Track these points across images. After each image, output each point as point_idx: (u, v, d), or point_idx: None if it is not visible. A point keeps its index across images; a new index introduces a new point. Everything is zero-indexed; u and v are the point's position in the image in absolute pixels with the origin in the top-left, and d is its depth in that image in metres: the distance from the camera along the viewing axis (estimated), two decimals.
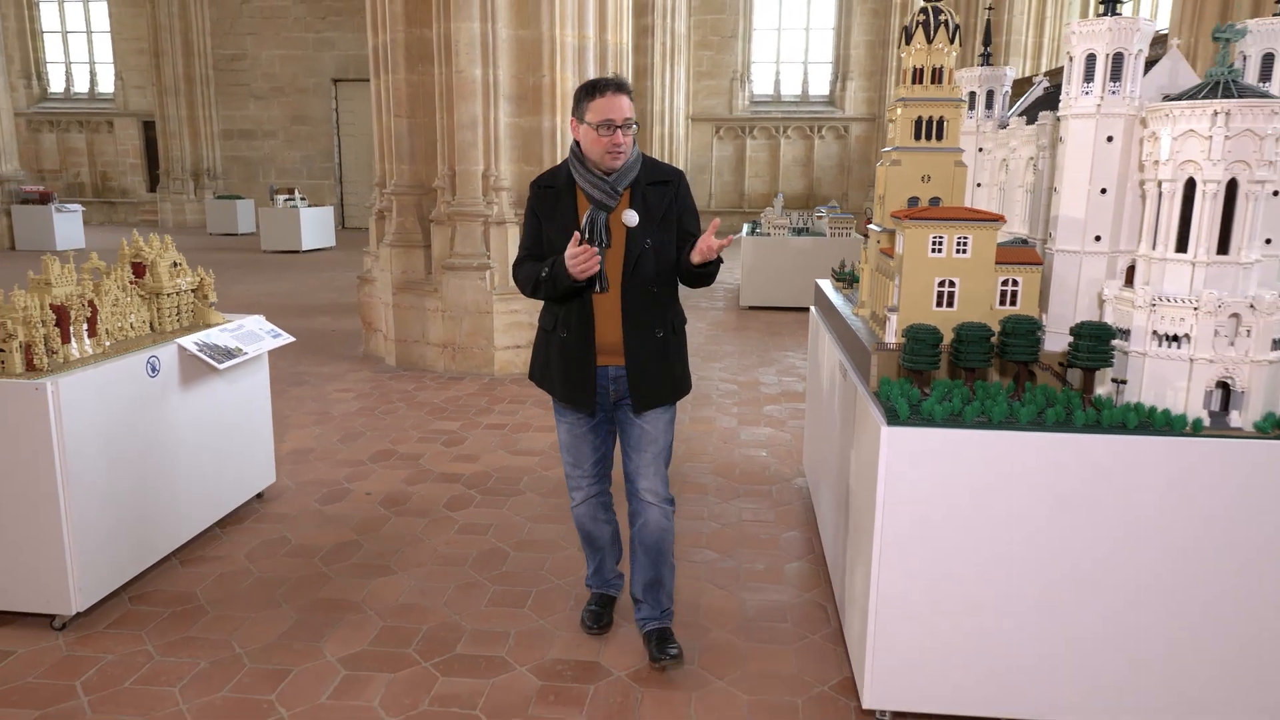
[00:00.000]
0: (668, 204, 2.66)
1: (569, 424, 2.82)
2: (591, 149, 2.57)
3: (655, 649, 2.79)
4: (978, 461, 2.28)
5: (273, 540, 3.74)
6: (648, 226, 2.61)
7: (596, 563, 3.08)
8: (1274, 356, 2.27)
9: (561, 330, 2.68)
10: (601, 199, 2.60)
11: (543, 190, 2.72)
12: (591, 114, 2.54)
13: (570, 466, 2.89)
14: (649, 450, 2.77)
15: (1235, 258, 2.27)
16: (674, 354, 2.75)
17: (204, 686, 2.69)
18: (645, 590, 2.87)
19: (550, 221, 2.66)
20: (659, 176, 2.68)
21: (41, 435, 2.83)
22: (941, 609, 2.36)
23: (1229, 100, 2.19)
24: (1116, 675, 2.35)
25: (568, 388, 2.71)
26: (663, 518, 2.80)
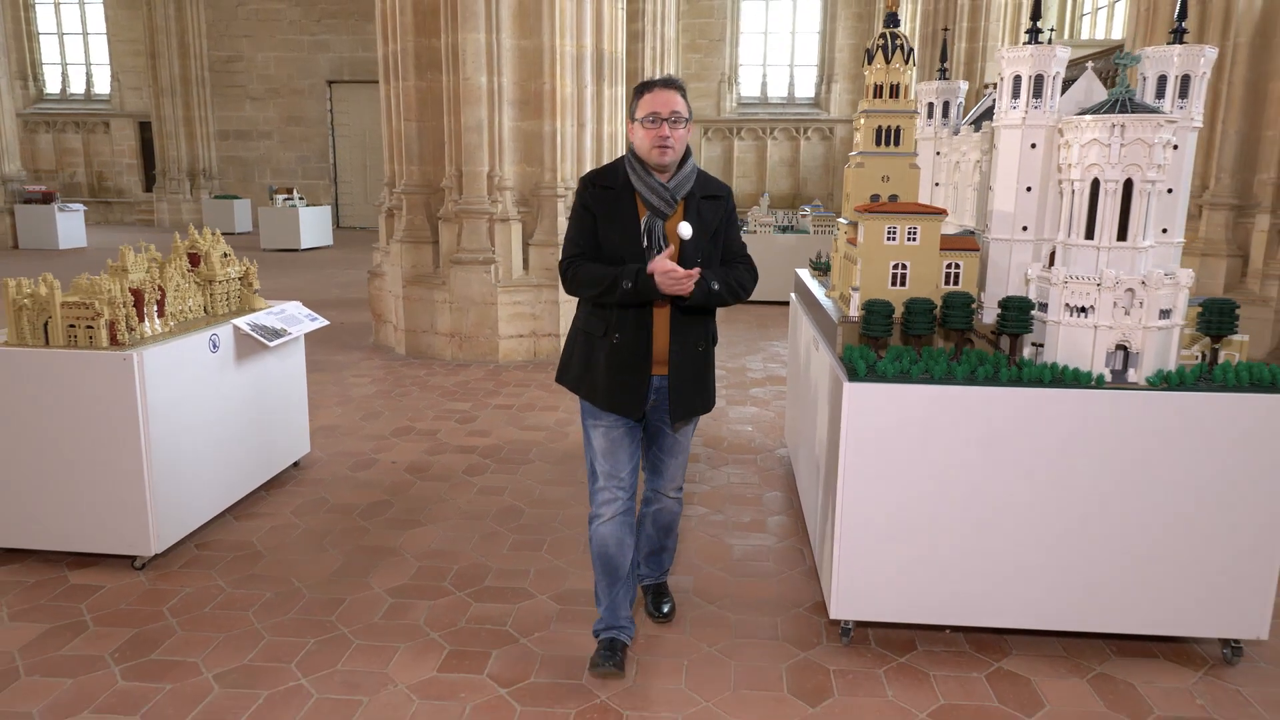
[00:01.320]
0: (719, 219, 2.68)
1: (605, 428, 2.73)
2: (641, 144, 2.57)
3: (650, 604, 3.11)
4: (922, 411, 2.77)
5: (314, 500, 4.21)
6: (699, 240, 2.62)
7: (611, 598, 2.80)
8: (1162, 324, 2.78)
9: (614, 334, 2.63)
10: (660, 206, 2.60)
11: (600, 190, 2.66)
12: (640, 110, 2.57)
13: (606, 475, 2.75)
14: (679, 456, 2.89)
15: (1132, 243, 2.78)
16: (710, 367, 2.80)
17: (272, 611, 3.16)
18: (648, 558, 3.09)
19: (610, 223, 2.63)
20: (712, 191, 2.70)
21: (128, 399, 3.30)
22: (895, 534, 2.86)
23: (1124, 115, 2.70)
24: (1040, 585, 2.85)
25: (615, 394, 2.66)
26: (676, 505, 3.00)
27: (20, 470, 3.40)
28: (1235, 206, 6.99)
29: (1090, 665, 2.86)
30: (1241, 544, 2.77)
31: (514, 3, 6.92)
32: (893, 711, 2.61)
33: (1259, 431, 2.71)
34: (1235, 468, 2.72)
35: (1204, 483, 2.74)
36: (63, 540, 3.46)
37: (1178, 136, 2.90)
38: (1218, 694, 2.72)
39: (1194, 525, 2.76)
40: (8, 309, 3.41)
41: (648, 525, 3.00)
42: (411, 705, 2.61)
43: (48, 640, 2.95)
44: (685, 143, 2.61)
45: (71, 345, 3.38)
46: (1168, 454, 2.74)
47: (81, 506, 3.40)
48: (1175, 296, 2.81)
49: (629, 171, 2.63)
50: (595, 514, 2.77)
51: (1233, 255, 7.01)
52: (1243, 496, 2.74)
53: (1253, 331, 6.88)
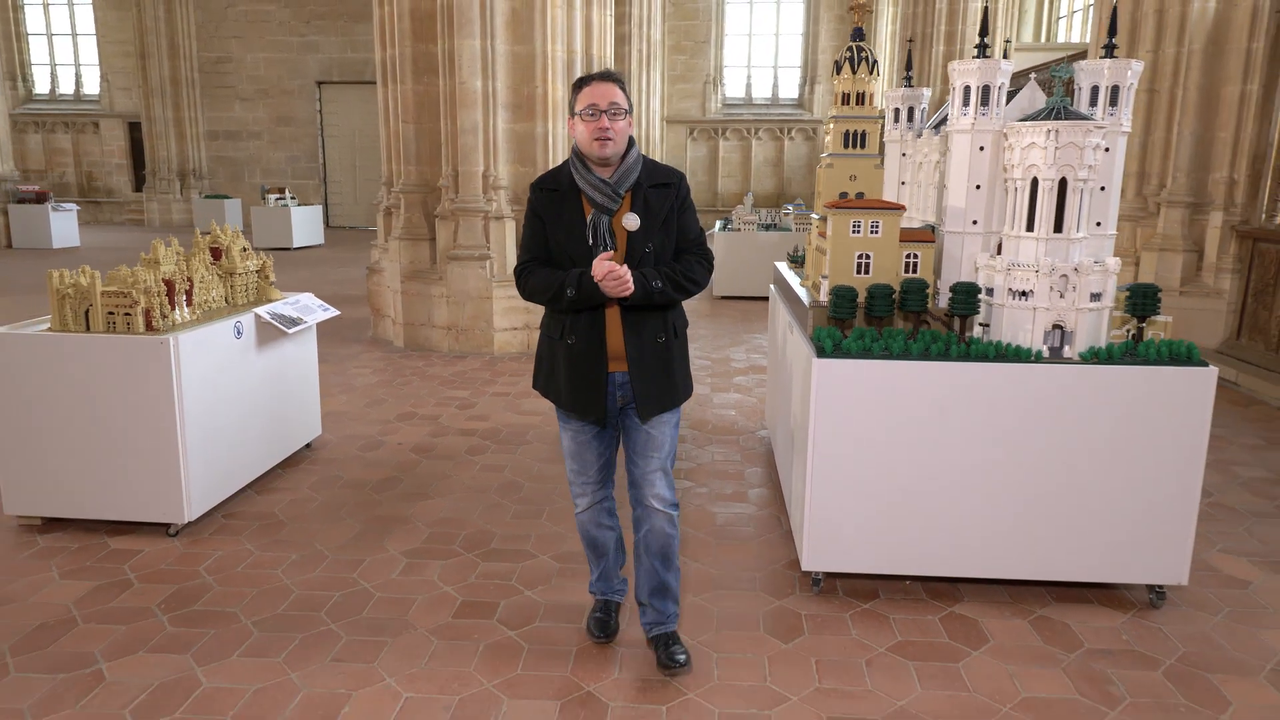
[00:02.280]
0: (669, 207, 2.65)
1: (573, 430, 2.77)
2: (582, 138, 2.56)
3: (663, 655, 2.80)
4: (883, 383, 3.13)
5: (328, 476, 4.53)
6: (649, 230, 2.60)
7: (600, 569, 3.00)
8: (1093, 306, 3.15)
9: (569, 336, 2.64)
10: (604, 203, 2.58)
11: (545, 193, 2.67)
12: (579, 103, 2.56)
13: (574, 474, 2.83)
14: (655, 457, 2.74)
15: (1066, 235, 3.15)
16: (676, 359, 2.73)
17: (299, 570, 3.49)
18: (651, 595, 2.87)
19: (556, 225, 2.62)
20: (660, 179, 2.66)
21: (164, 380, 3.62)
22: (859, 493, 3.21)
23: (1058, 121, 3.06)
24: (988, 537, 3.21)
25: (576, 396, 2.66)
26: (667, 524, 2.77)
27: (62, 446, 3.71)
28: (1191, 204, 7.40)
29: (1032, 609, 3.23)
30: (1163, 500, 3.14)
31: (508, 10, 7.24)
32: (855, 647, 2.97)
33: (1177, 400, 3.08)
34: (1157, 432, 3.09)
35: (1130, 446, 3.11)
36: (102, 510, 3.77)
37: (1108, 140, 3.27)
38: (1141, 631, 3.09)
39: (1122, 483, 3.13)
40: (51, 298, 3.72)
41: (642, 555, 2.84)
42: (431, 644, 2.95)
43: (98, 595, 3.26)
44: (626, 135, 2.59)
45: (110, 331, 3.69)
46: (1098, 420, 3.10)
47: (120, 478, 3.71)
48: (1105, 281, 3.18)
49: (572, 171, 2.62)
50: (575, 504, 2.91)
51: (1189, 250, 7.42)
52: (1164, 458, 3.11)
53: (1207, 322, 7.32)
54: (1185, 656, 2.93)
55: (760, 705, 2.64)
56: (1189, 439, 3.09)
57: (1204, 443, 3.09)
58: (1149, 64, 7.49)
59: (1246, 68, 7.03)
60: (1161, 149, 7.55)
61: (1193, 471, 3.11)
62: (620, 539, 3.01)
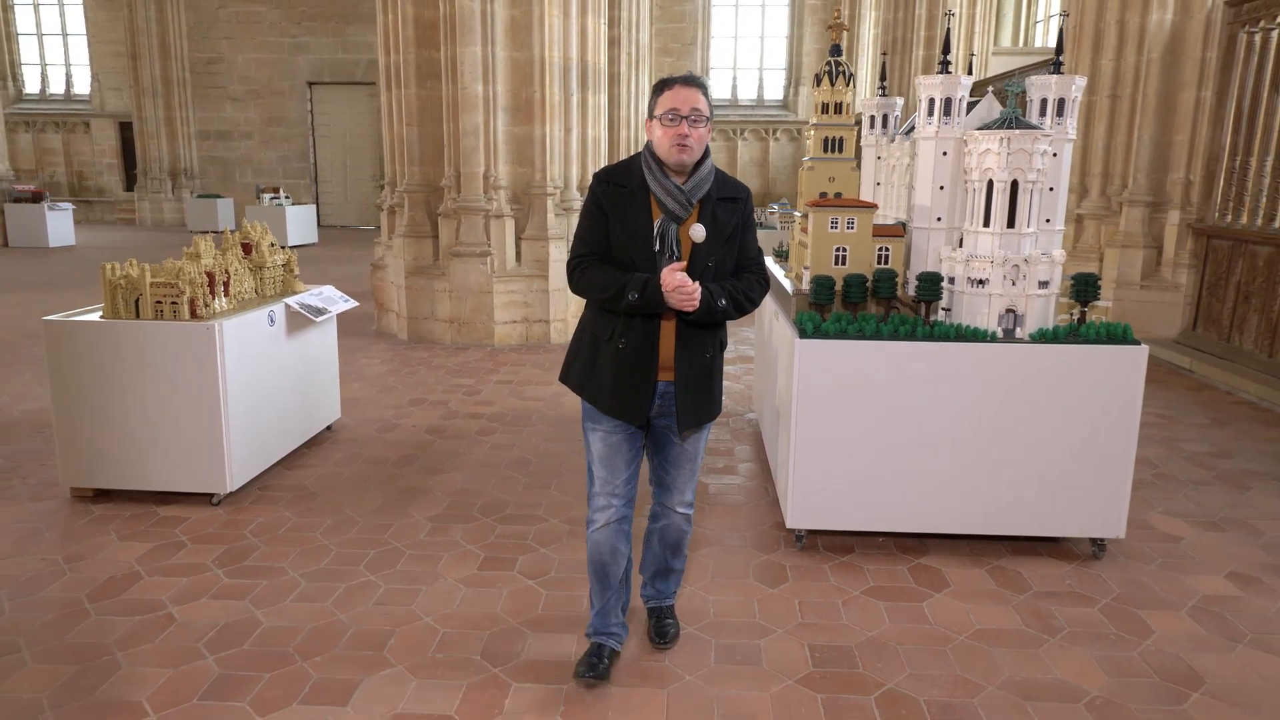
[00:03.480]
0: (736, 222, 2.61)
1: (604, 432, 2.67)
2: (660, 143, 2.50)
3: (654, 628, 2.93)
4: (857, 360, 3.55)
5: (351, 454, 4.91)
6: (714, 244, 2.56)
7: (603, 603, 2.81)
8: (1042, 292, 3.58)
9: (620, 339, 2.57)
10: (675, 210, 2.53)
11: (613, 188, 2.58)
12: (659, 107, 2.50)
13: (602, 481, 2.71)
14: (686, 467, 2.75)
15: (1018, 230, 3.57)
16: (718, 374, 2.73)
17: (335, 532, 3.87)
18: (654, 576, 2.94)
19: (621, 224, 2.55)
20: (730, 193, 2.62)
21: (210, 362, 3.99)
22: (837, 458, 3.62)
23: (1010, 130, 3.49)
24: (952, 497, 3.63)
25: (619, 399, 2.59)
26: (685, 522, 2.84)
27: (115, 423, 4.07)
28: (1150, 203, 7.88)
29: (989, 560, 3.66)
30: (1102, 463, 3.57)
31: (507, 19, 7.63)
32: (833, 591, 3.39)
33: (1115, 374, 3.51)
34: (1097, 403, 3.53)
35: (1074, 415, 3.54)
36: (150, 481, 4.14)
37: (1055, 146, 3.70)
38: (1083, 577, 3.52)
39: (1067, 448, 3.56)
40: (104, 288, 4.08)
41: (654, 543, 2.88)
42: (461, 591, 3.34)
43: (157, 554, 3.64)
44: (705, 142, 2.54)
45: (159, 318, 4.06)
46: (1046, 393, 3.53)
47: (168, 452, 4.08)
48: (1052, 271, 3.61)
49: (645, 171, 2.56)
50: (590, 519, 2.74)
51: (1148, 247, 7.90)
52: (1103, 425, 3.54)
53: (1166, 314, 7.80)
54: (1119, 596, 3.37)
55: (750, 637, 3.05)
56: (1124, 408, 3.53)
57: (1137, 411, 3.53)
58: (1112, 71, 7.96)
59: (1201, 75, 7.51)
60: (1124, 151, 8.02)
61: (1127, 437, 3.55)
62: (629, 570, 2.87)
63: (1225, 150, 7.40)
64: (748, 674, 2.82)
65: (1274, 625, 3.18)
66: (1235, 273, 7.17)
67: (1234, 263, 7.19)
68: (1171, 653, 2.98)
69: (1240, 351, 6.98)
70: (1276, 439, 5.42)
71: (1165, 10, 7.56)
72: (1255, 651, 3.00)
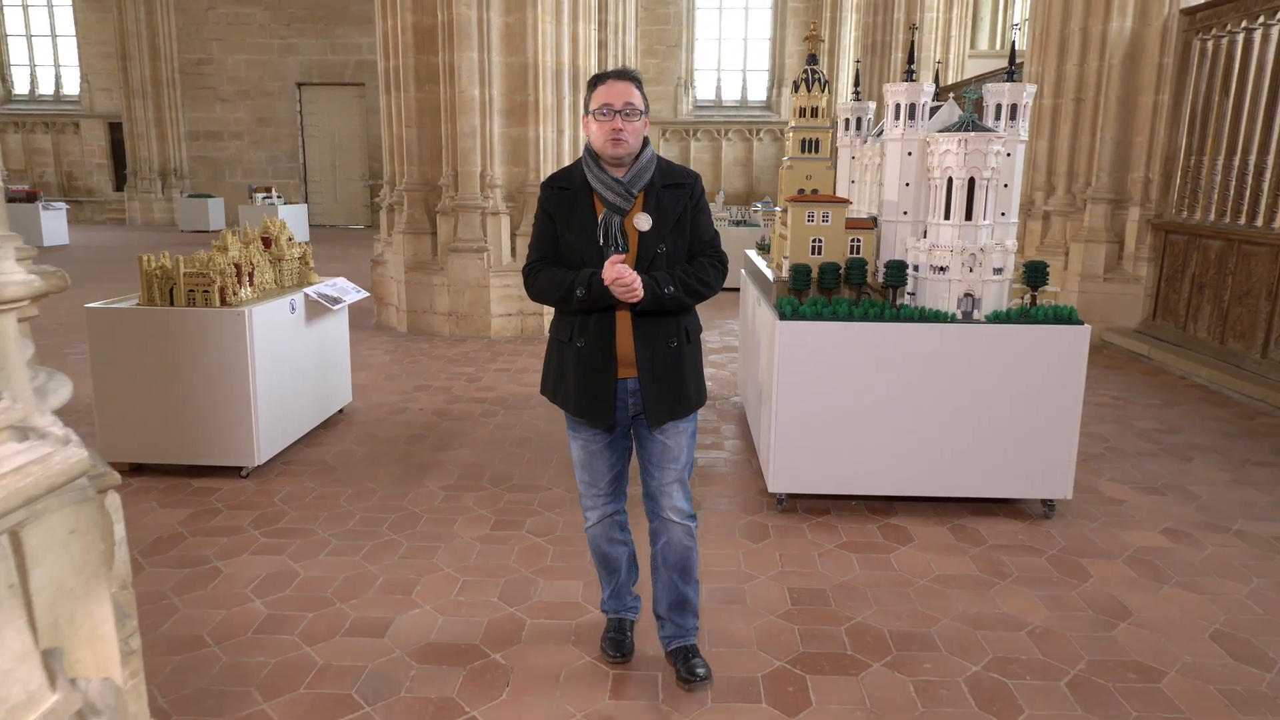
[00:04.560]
0: (683, 207, 2.58)
1: (583, 440, 2.68)
2: (595, 138, 2.50)
3: (682, 669, 2.72)
4: (831, 340, 3.94)
5: (364, 434, 5.27)
6: (662, 231, 2.53)
7: (613, 586, 2.90)
8: (996, 278, 3.99)
9: (578, 339, 2.56)
10: (616, 202, 2.51)
11: (556, 191, 2.60)
12: (594, 102, 2.50)
13: (585, 485, 2.75)
14: (671, 468, 2.66)
15: (975, 223, 3.98)
16: (688, 365, 2.63)
17: (357, 499, 4.24)
18: (670, 609, 2.79)
19: (567, 224, 2.56)
20: (674, 179, 2.60)
21: (241, 345, 4.34)
22: (814, 428, 4.02)
23: (968, 133, 3.90)
24: (917, 463, 4.04)
25: (584, 401, 2.57)
26: (686, 536, 2.70)
27: (151, 401, 4.41)
28: (1112, 200, 8.33)
29: (951, 519, 4.06)
30: (1050, 431, 3.98)
31: (502, 25, 8.00)
32: (810, 545, 3.78)
33: (1062, 351, 3.93)
34: (1046, 376, 3.94)
35: (1025, 388, 3.95)
36: (184, 455, 4.48)
37: (1008, 147, 4.11)
38: (1033, 533, 3.94)
39: (1019, 418, 3.97)
40: (141, 278, 4.42)
41: (660, 569, 2.77)
42: (476, 548, 3.72)
43: (196, 518, 3.99)
44: (641, 135, 2.53)
45: (191, 305, 4.41)
46: (1000, 369, 3.94)
47: (201, 428, 4.43)
48: (1005, 259, 4.02)
49: (585, 169, 2.56)
50: (585, 518, 2.83)
51: (1111, 241, 8.35)
52: (1050, 397, 3.95)
53: (1128, 305, 8.25)
54: (1064, 548, 3.78)
55: (737, 581, 3.44)
56: (1070, 382, 3.95)
57: (1081, 384, 3.94)
58: (1076, 76, 8.41)
59: (1158, 80, 7.97)
60: (1087, 151, 8.48)
61: (1073, 407, 3.97)
62: (633, 555, 2.91)
63: (1181, 150, 7.87)
64: (735, 610, 3.21)
65: (1198, 570, 3.60)
66: (1190, 265, 7.63)
67: (1189, 256, 7.65)
68: (1105, 592, 3.40)
69: (1195, 339, 7.44)
70: (1221, 417, 5.86)
71: (1125, 18, 8.01)
72: (1178, 591, 3.42)
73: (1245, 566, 3.64)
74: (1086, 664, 2.90)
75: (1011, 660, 2.91)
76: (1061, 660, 2.91)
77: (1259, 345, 6.66)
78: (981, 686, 2.77)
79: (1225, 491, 4.49)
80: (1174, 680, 2.81)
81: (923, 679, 2.80)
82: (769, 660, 2.90)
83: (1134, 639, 3.06)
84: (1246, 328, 6.84)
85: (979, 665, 2.88)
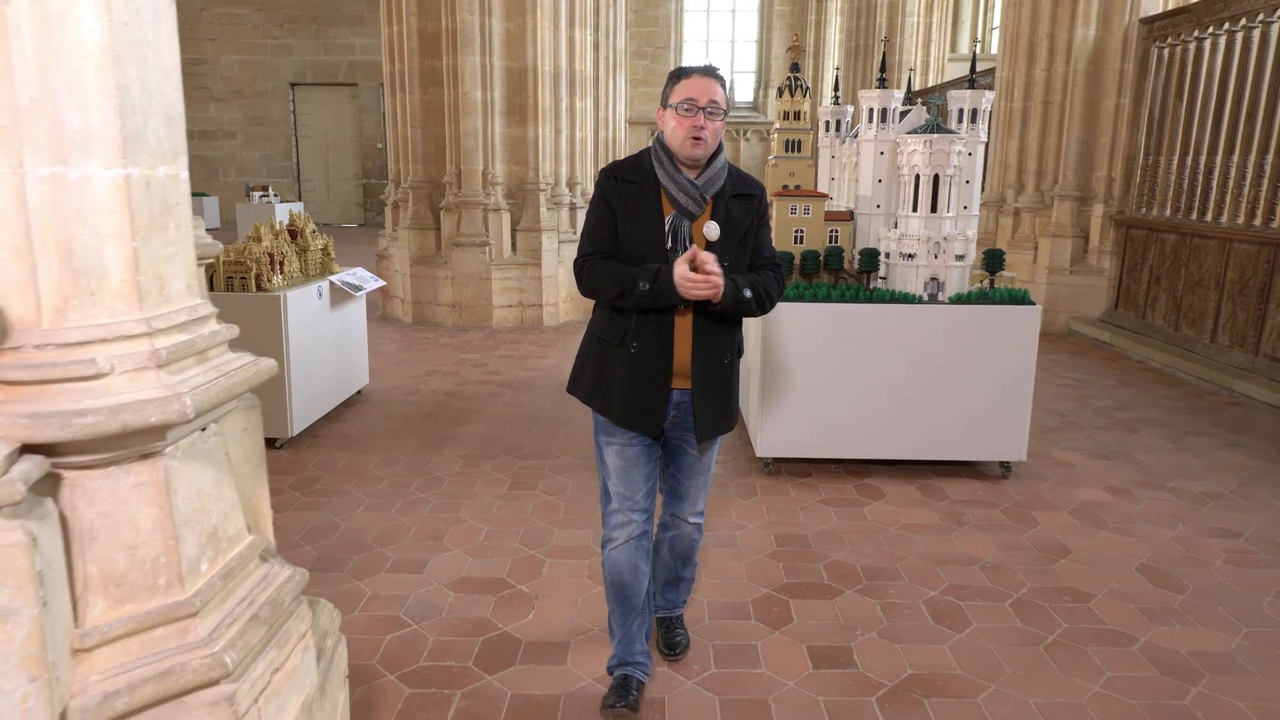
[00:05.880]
0: (750, 220, 2.46)
1: (619, 446, 2.51)
2: (673, 135, 2.36)
3: (663, 639, 2.86)
4: (811, 319, 4.41)
5: (383, 412, 5.71)
6: (728, 242, 2.41)
7: (625, 630, 2.65)
8: (959, 264, 4.47)
9: (632, 343, 2.40)
10: (688, 205, 2.39)
11: (621, 183, 2.43)
12: (675, 95, 2.37)
13: (620, 498, 2.54)
14: (700, 478, 2.64)
15: (940, 214, 4.46)
16: (735, 381, 2.56)
17: (384, 466, 4.68)
18: (664, 586, 2.85)
19: (631, 220, 2.40)
20: (745, 189, 2.48)
21: (277, 328, 4.77)
22: (797, 398, 4.49)
23: (933, 135, 4.38)
24: (889, 429, 4.51)
25: (632, 408, 2.43)
26: (695, 532, 2.75)
27: None
28: (1078, 198, 8.85)
29: (920, 479, 4.55)
30: (1006, 399, 4.47)
31: (503, 31, 8.43)
32: (793, 501, 4.25)
33: (1016, 328, 4.41)
34: (1002, 351, 4.42)
35: (984, 361, 4.43)
36: None
37: (969, 147, 4.59)
38: (991, 490, 4.42)
39: (979, 388, 4.46)
40: None
41: (664, 552, 2.78)
42: (496, 504, 4.17)
43: None
44: (719, 136, 2.40)
45: (230, 290, 4.84)
46: (962, 344, 4.42)
47: None
48: (967, 246, 4.51)
49: (655, 165, 2.42)
50: (608, 538, 2.59)
51: (1076, 236, 8.87)
52: (1005, 368, 4.44)
53: (1092, 296, 8.78)
54: (1017, 503, 4.27)
55: (729, 530, 3.91)
56: (1023, 355, 4.43)
57: (1033, 358, 4.43)
58: (1044, 80, 8.93)
59: (1120, 85, 8.50)
60: (1055, 151, 9.00)
61: (1026, 377, 4.45)
62: (651, 593, 2.72)
63: (1141, 151, 8.40)
64: (728, 551, 3.68)
65: (1133, 519, 4.10)
66: (1149, 258, 8.16)
67: (1148, 249, 8.18)
68: (1050, 536, 3.89)
69: (1152, 326, 7.97)
70: (1171, 395, 6.38)
71: (1089, 26, 8.52)
72: (1114, 535, 3.92)
73: (1174, 516, 4.14)
74: (1028, 589, 3.38)
75: (964, 587, 3.39)
76: (1007, 587, 3.40)
77: (1208, 331, 7.19)
78: (938, 607, 3.25)
79: (1166, 457, 4.99)
80: (1101, 601, 3.30)
81: (888, 601, 3.28)
82: (757, 588, 3.37)
83: (1071, 571, 3.54)
84: (1198, 315, 7.37)
85: (936, 591, 3.36)
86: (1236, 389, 6.40)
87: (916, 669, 2.85)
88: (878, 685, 2.76)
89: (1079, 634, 3.06)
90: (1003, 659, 2.91)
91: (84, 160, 1.18)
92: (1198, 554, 3.73)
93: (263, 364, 1.61)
